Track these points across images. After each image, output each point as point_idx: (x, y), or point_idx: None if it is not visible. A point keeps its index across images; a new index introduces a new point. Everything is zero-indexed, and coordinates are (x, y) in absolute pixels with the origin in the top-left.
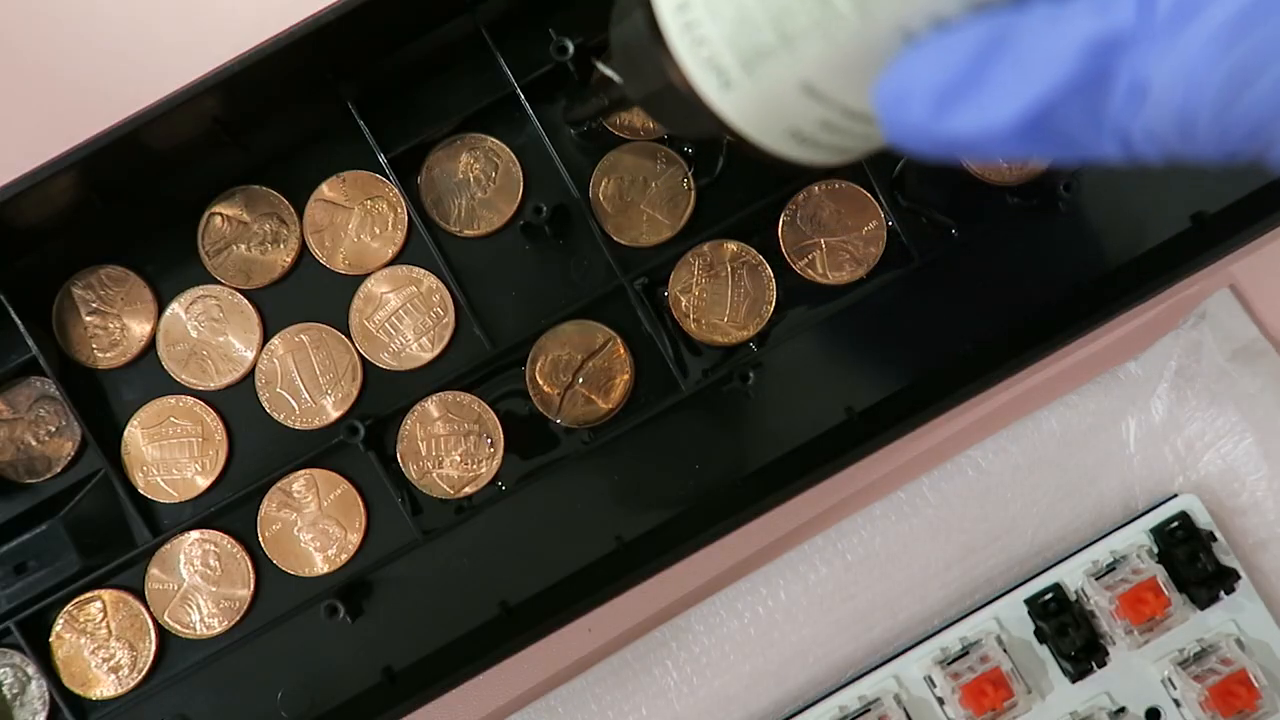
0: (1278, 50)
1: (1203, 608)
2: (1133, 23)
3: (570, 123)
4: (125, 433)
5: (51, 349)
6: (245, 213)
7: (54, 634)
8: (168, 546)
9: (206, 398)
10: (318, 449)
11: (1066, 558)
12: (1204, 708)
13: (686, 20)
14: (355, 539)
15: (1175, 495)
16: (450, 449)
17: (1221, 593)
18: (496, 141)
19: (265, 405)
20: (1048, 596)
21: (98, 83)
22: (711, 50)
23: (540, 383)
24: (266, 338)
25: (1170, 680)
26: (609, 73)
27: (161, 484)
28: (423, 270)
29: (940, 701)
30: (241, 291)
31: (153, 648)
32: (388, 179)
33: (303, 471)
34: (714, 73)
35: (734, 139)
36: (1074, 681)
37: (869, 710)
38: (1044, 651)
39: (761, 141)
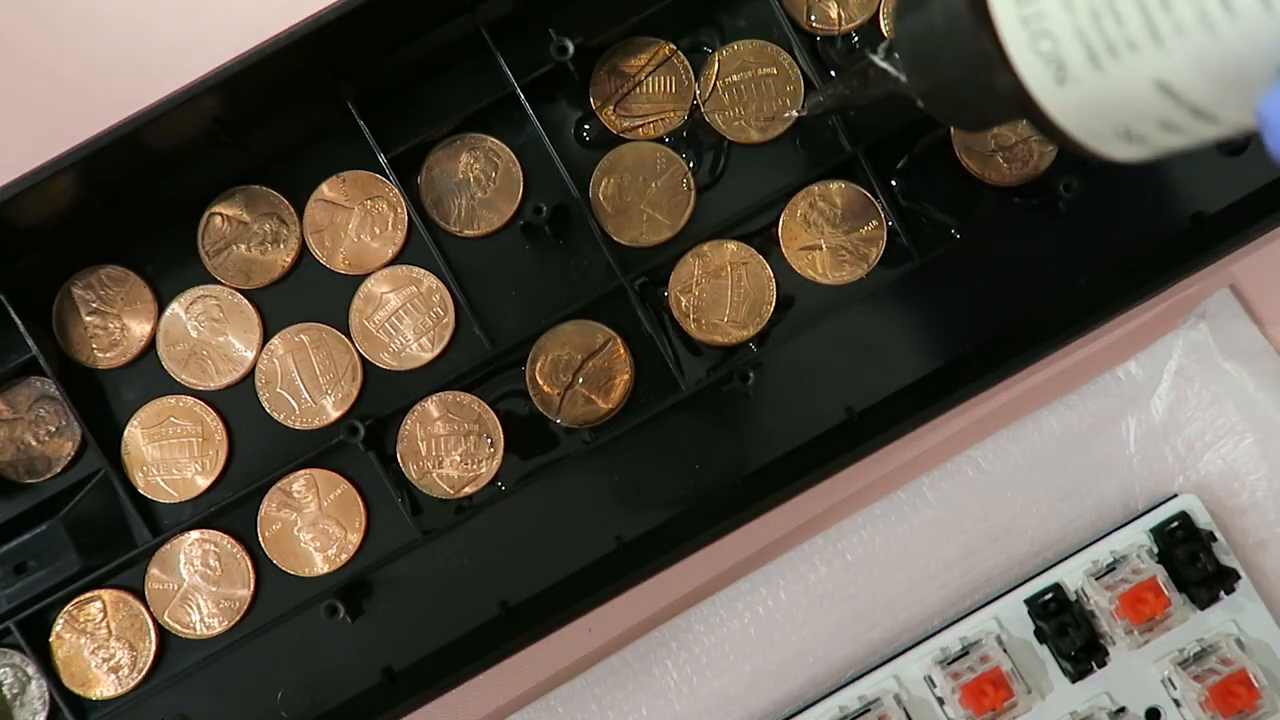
0: None
1: (1203, 608)
2: None
3: (810, 112)
4: (125, 433)
5: (51, 349)
6: (245, 213)
7: (54, 634)
8: (168, 546)
9: (206, 398)
10: (318, 449)
11: (1066, 558)
12: (1204, 708)
13: (1030, 11)
14: (355, 539)
15: (1175, 495)
16: (450, 449)
17: (1221, 593)
18: (496, 141)
19: (265, 405)
20: (1048, 596)
21: (98, 83)
22: (1054, 44)
23: (540, 383)
24: (266, 338)
25: (1170, 680)
26: (886, 65)
27: (161, 484)
28: (423, 270)
29: (940, 701)
30: (241, 291)
31: (153, 648)
32: (388, 179)
33: (303, 471)
34: (1052, 67)
35: (1042, 132)
36: (1074, 681)
37: (869, 710)
38: (1044, 651)
39: (1080, 138)
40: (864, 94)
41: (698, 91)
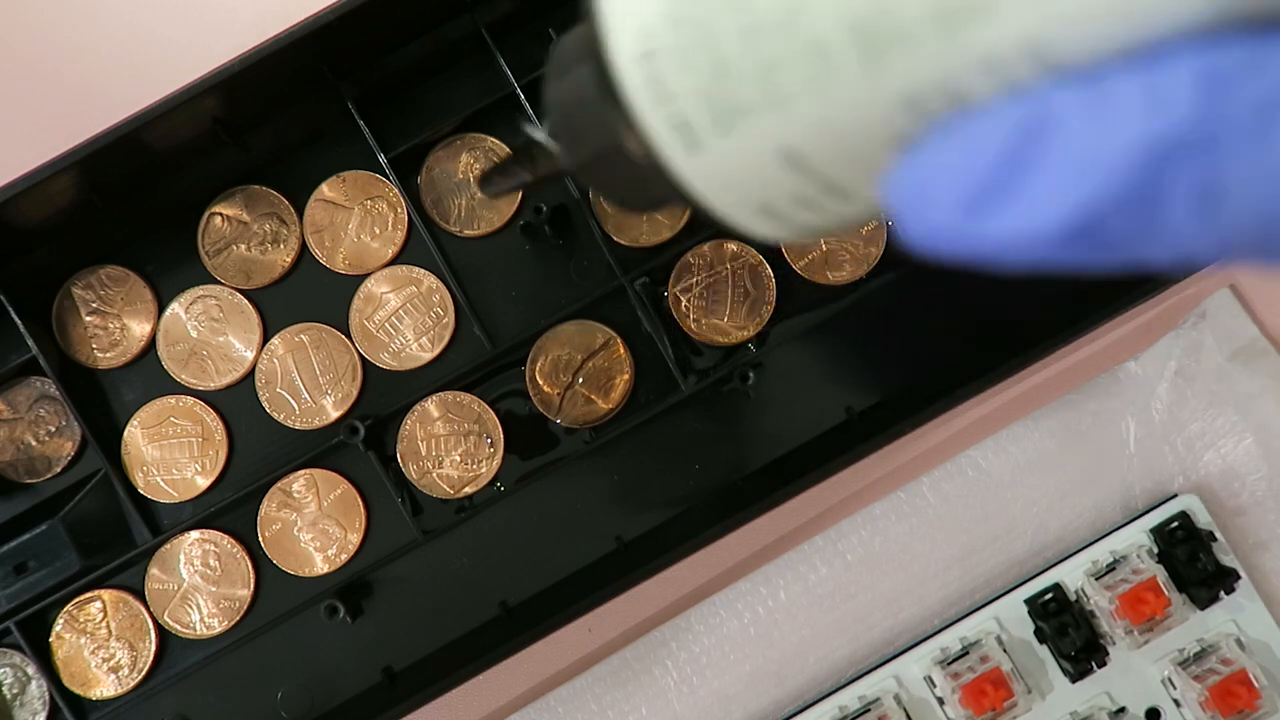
0: None
1: (1203, 608)
2: (1197, 121)
3: (490, 195)
4: (125, 433)
5: (51, 349)
6: (245, 213)
7: (54, 634)
8: (168, 546)
9: (206, 398)
10: (318, 449)
11: (1066, 558)
12: (1204, 708)
13: (650, 72)
14: (355, 539)
15: (1175, 495)
16: (450, 449)
17: (1221, 593)
18: (496, 141)
19: (265, 405)
20: (1048, 596)
21: (98, 83)
22: (679, 107)
23: (540, 383)
24: (266, 338)
25: (1170, 680)
26: (541, 138)
27: (161, 484)
28: (423, 270)
29: (940, 701)
30: (241, 291)
31: (153, 648)
32: (388, 179)
33: (303, 471)
34: (680, 133)
35: (689, 209)
36: (1074, 681)
37: (869, 710)
38: (1044, 651)
39: (723, 213)
40: (536, 171)
41: None
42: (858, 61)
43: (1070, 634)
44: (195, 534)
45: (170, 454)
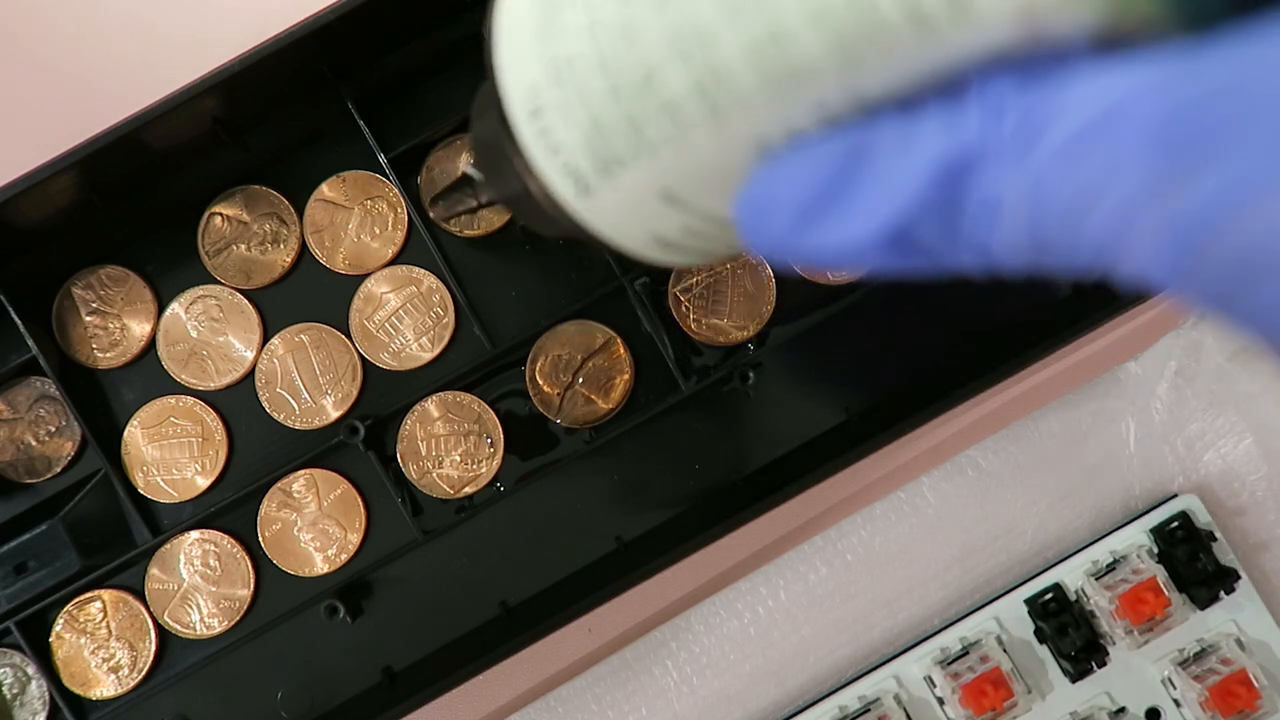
0: (1116, 171)
1: (1203, 608)
2: (978, 139)
3: (438, 219)
4: (125, 433)
5: (51, 349)
6: (245, 213)
7: (54, 634)
8: (168, 546)
9: (206, 398)
10: (318, 449)
11: (1066, 558)
12: (1204, 708)
13: (540, 126)
14: (355, 539)
15: (1175, 495)
16: (450, 449)
17: (1221, 593)
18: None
19: (265, 405)
20: (1048, 596)
21: (97, 83)
22: (567, 157)
23: (540, 383)
24: (266, 338)
25: (1170, 680)
26: (472, 172)
27: (161, 484)
28: (423, 270)
29: (940, 701)
30: (241, 291)
31: (153, 648)
32: (388, 179)
33: (303, 471)
34: (571, 179)
35: (595, 242)
36: (1074, 681)
37: (869, 710)
38: (1044, 651)
39: (625, 246)
40: (478, 198)
41: None
42: (706, 118)
43: (1070, 634)
44: (195, 534)
45: (170, 454)
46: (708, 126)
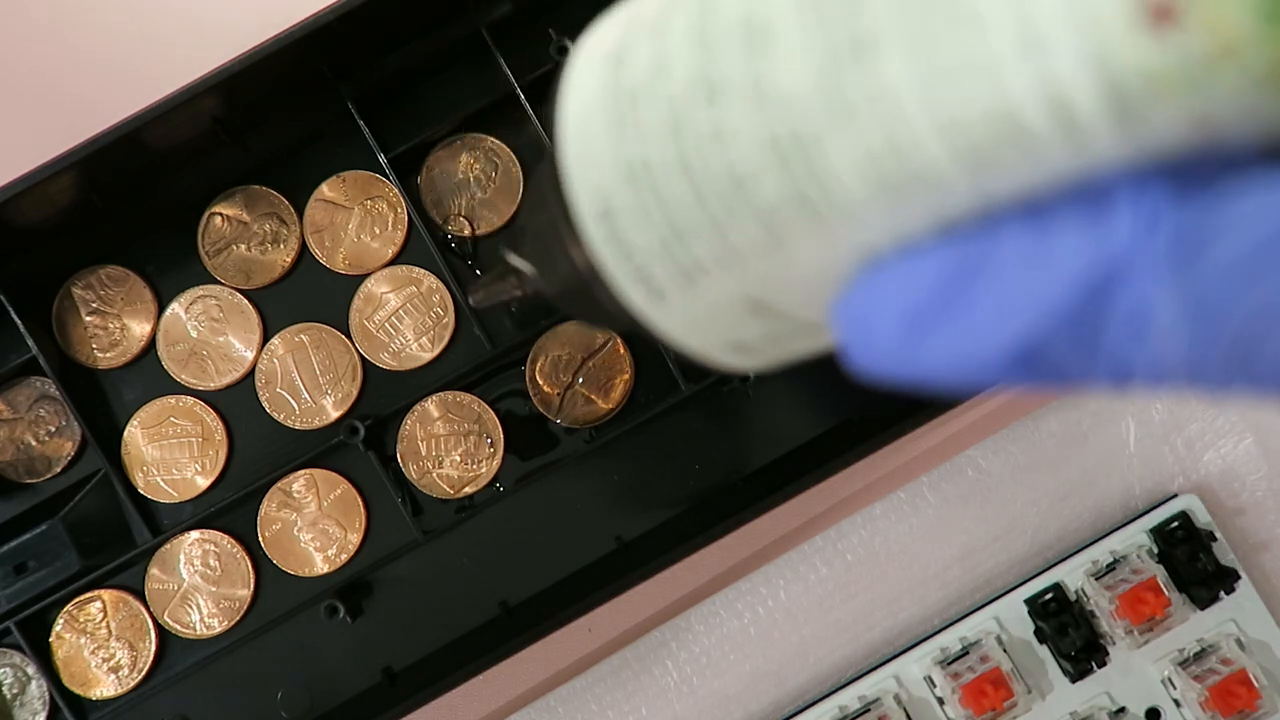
0: None
1: (1203, 608)
2: (1128, 250)
3: (479, 305)
4: (125, 433)
5: (51, 349)
6: (245, 213)
7: (54, 634)
8: (168, 546)
9: (206, 398)
10: (318, 449)
11: (1066, 558)
12: (1204, 708)
13: (611, 229)
14: (355, 539)
15: (1175, 495)
16: (450, 449)
17: (1221, 593)
18: (496, 141)
19: (265, 405)
20: (1048, 596)
21: (98, 83)
22: (640, 262)
23: (540, 383)
24: (266, 338)
25: (1170, 680)
26: (520, 264)
27: (161, 484)
28: (423, 270)
29: (940, 701)
30: (241, 291)
31: (153, 648)
32: (388, 179)
33: (303, 471)
34: (644, 285)
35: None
36: (1074, 681)
37: (869, 710)
38: (1044, 651)
39: (696, 350)
40: (524, 289)
41: None
42: (805, 227)
43: (1070, 634)
44: (195, 534)
45: (170, 454)
46: (806, 236)
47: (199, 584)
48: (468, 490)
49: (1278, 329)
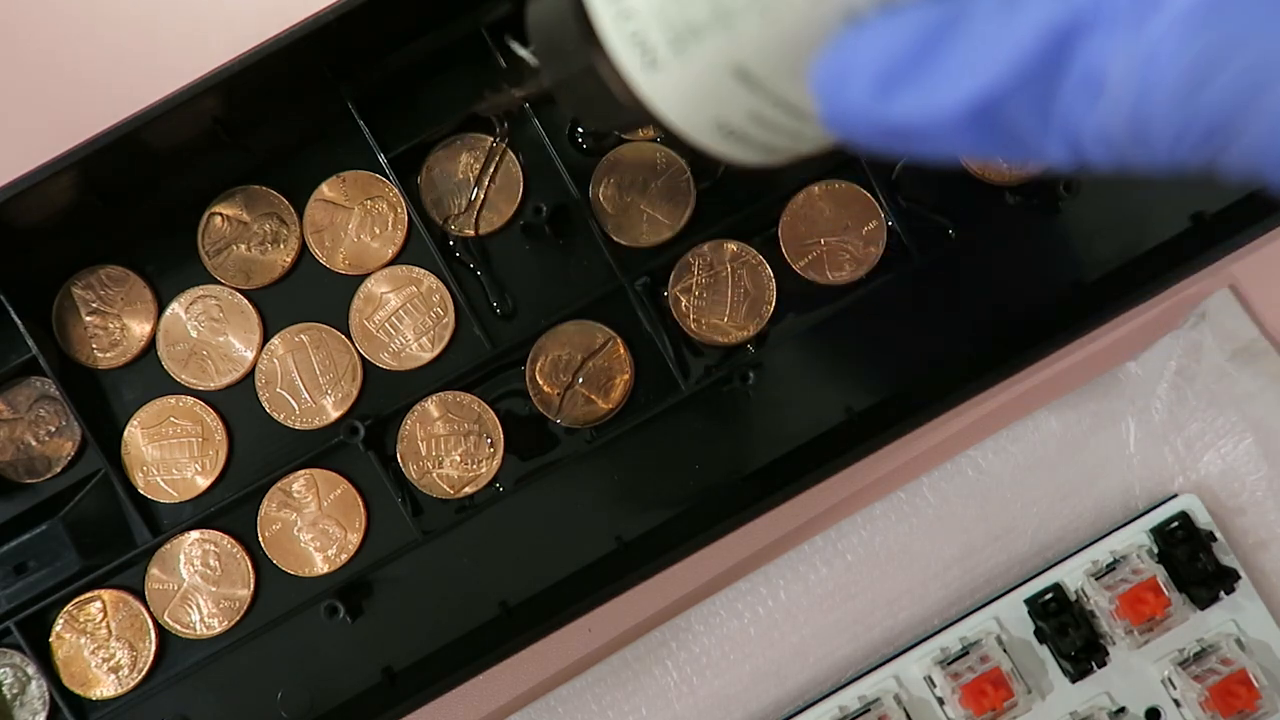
0: (1243, 40)
1: (1203, 608)
2: (1092, 6)
3: (482, 112)
4: (125, 433)
5: (51, 349)
6: (245, 213)
7: (54, 634)
8: (168, 546)
9: (206, 398)
10: (318, 449)
11: (1066, 558)
12: (1204, 708)
13: None
14: (355, 539)
15: (1175, 495)
16: (450, 449)
17: (1221, 593)
18: (497, 141)
19: (265, 405)
20: (1048, 596)
21: (98, 83)
22: (639, 25)
23: (540, 383)
24: (266, 338)
25: (1170, 680)
26: (524, 54)
27: (161, 484)
28: (423, 270)
29: (940, 701)
30: (241, 291)
31: (153, 648)
32: (388, 179)
33: (303, 471)
34: (639, 50)
35: (654, 129)
36: (1074, 681)
37: (869, 710)
38: (1044, 651)
39: (685, 131)
40: (524, 88)
41: None
42: None
43: (1070, 634)
44: (195, 534)
45: (170, 454)
46: None
47: (199, 584)
48: (468, 490)
49: (1218, 75)
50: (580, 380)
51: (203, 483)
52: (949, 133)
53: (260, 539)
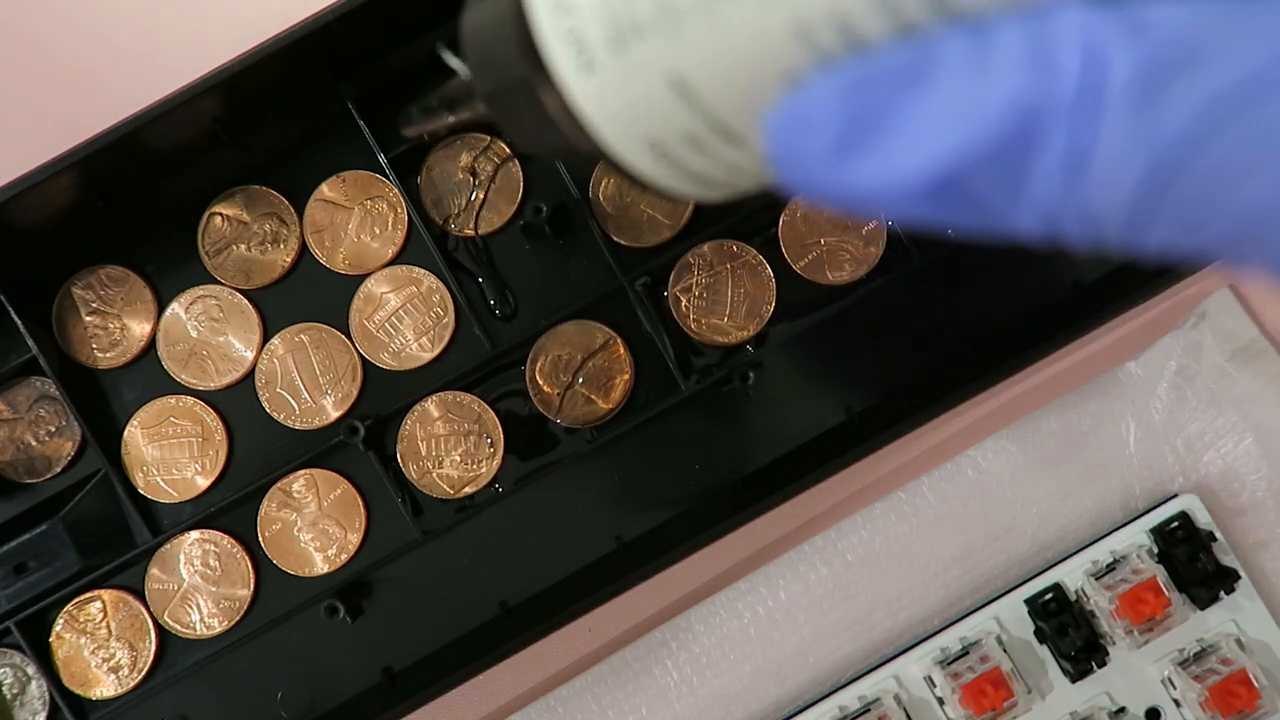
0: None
1: (1203, 608)
2: (1075, 86)
3: (408, 134)
4: (125, 433)
5: (51, 349)
6: (245, 213)
7: (54, 634)
8: (168, 546)
9: (206, 398)
10: (318, 449)
11: (1066, 558)
12: (1204, 708)
13: None
14: (355, 539)
15: (1175, 495)
16: (450, 449)
17: (1221, 593)
18: (497, 141)
19: (265, 405)
20: (1048, 596)
21: (98, 83)
22: (577, 20)
23: (540, 383)
24: (266, 338)
25: (1170, 680)
26: (455, 64)
27: (161, 484)
28: (423, 270)
29: (940, 701)
30: (241, 291)
31: (153, 648)
32: (388, 179)
33: (303, 471)
34: (575, 50)
35: (585, 150)
36: (1074, 681)
37: (869, 710)
38: (1044, 651)
39: (616, 148)
40: (456, 112)
41: None
42: None
43: (1070, 634)
44: (195, 534)
45: (170, 454)
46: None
47: (199, 584)
48: (468, 490)
49: (1245, 180)
50: (580, 380)
51: (203, 483)
52: (904, 201)
53: (260, 539)
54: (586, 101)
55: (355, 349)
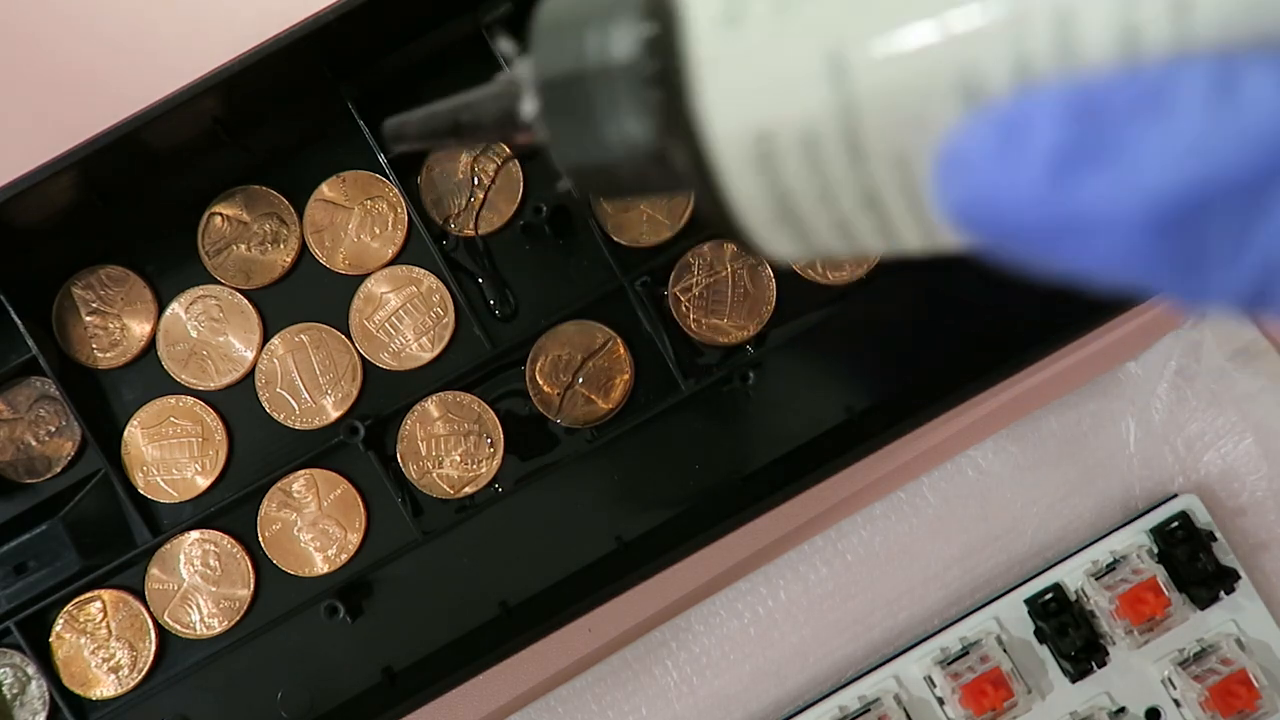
0: None
1: (1203, 608)
2: None
3: (397, 148)
4: (125, 433)
5: (51, 349)
6: (245, 213)
7: (54, 634)
8: (168, 546)
9: (206, 398)
10: (318, 449)
11: (1066, 558)
12: (1204, 708)
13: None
14: (355, 539)
15: (1175, 495)
16: (450, 449)
17: (1221, 593)
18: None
19: (265, 405)
20: (1048, 596)
21: (97, 83)
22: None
23: (540, 383)
24: (266, 338)
25: (1170, 680)
26: (506, 48)
27: (161, 484)
28: (423, 270)
29: (940, 701)
30: (241, 291)
31: (153, 648)
32: (388, 179)
33: (303, 471)
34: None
35: (671, 165)
36: (1074, 681)
37: (869, 710)
38: (1044, 651)
39: (718, 150)
40: (512, 142)
41: None
42: None
43: (1070, 634)
44: (195, 534)
45: (170, 454)
46: None
47: (199, 584)
48: (468, 490)
49: None
50: (580, 380)
51: (203, 483)
52: (1135, 233)
53: (260, 539)
54: (714, 63)
55: (355, 349)
